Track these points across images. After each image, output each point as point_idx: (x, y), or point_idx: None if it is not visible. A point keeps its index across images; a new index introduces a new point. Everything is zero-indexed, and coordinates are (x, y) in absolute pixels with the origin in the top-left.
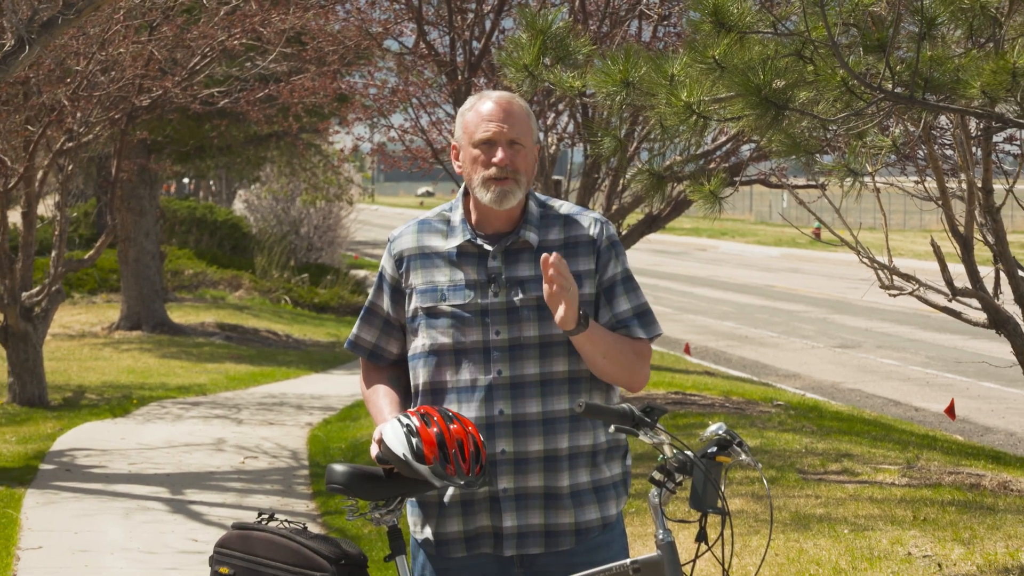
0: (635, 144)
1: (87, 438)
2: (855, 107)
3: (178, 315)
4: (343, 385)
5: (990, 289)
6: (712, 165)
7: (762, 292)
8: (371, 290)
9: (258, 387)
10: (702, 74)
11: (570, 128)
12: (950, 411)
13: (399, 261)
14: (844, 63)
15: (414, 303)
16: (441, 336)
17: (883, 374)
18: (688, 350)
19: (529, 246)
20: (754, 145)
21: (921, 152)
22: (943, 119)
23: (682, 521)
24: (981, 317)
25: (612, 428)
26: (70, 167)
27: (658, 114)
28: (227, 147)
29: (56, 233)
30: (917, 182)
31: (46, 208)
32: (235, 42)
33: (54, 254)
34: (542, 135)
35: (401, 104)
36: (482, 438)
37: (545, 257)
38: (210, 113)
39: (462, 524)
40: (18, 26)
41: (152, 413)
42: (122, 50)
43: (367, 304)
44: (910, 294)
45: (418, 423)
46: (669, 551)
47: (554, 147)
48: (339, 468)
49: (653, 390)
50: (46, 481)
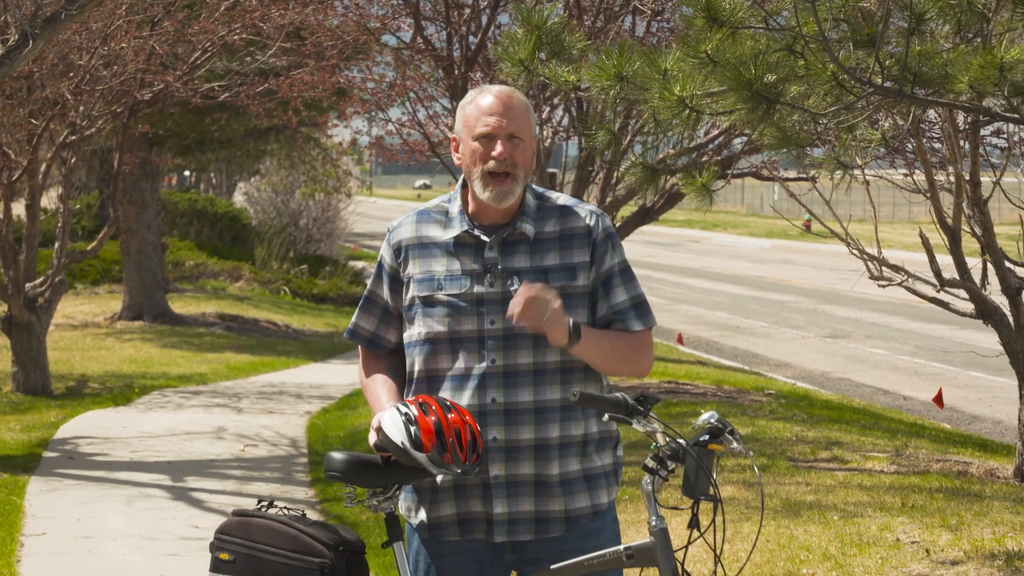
0: (629, 137)
1: (90, 426)
2: (845, 101)
3: (179, 305)
4: (342, 374)
5: (977, 280)
6: (704, 158)
7: (753, 283)
8: (370, 279)
9: (258, 376)
10: (695, 69)
11: (565, 122)
12: (938, 400)
13: (398, 251)
14: (834, 58)
15: (411, 292)
16: (437, 325)
17: (872, 363)
18: (681, 340)
19: (525, 237)
20: (746, 138)
21: (910, 145)
22: (931, 113)
23: (675, 508)
24: (968, 307)
25: (606, 416)
26: (73, 160)
27: (651, 108)
28: (227, 140)
29: (59, 225)
30: (906, 175)
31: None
32: (235, 37)
33: (57, 245)
34: (538, 128)
35: (399, 98)
36: (478, 427)
37: (509, 315)
38: (211, 107)
39: (455, 508)
40: (22, 21)
41: (153, 402)
42: (124, 45)
43: (366, 293)
44: (899, 285)
45: (416, 412)
46: (662, 537)
47: (549, 140)
48: (337, 456)
49: (646, 379)
50: (49, 469)
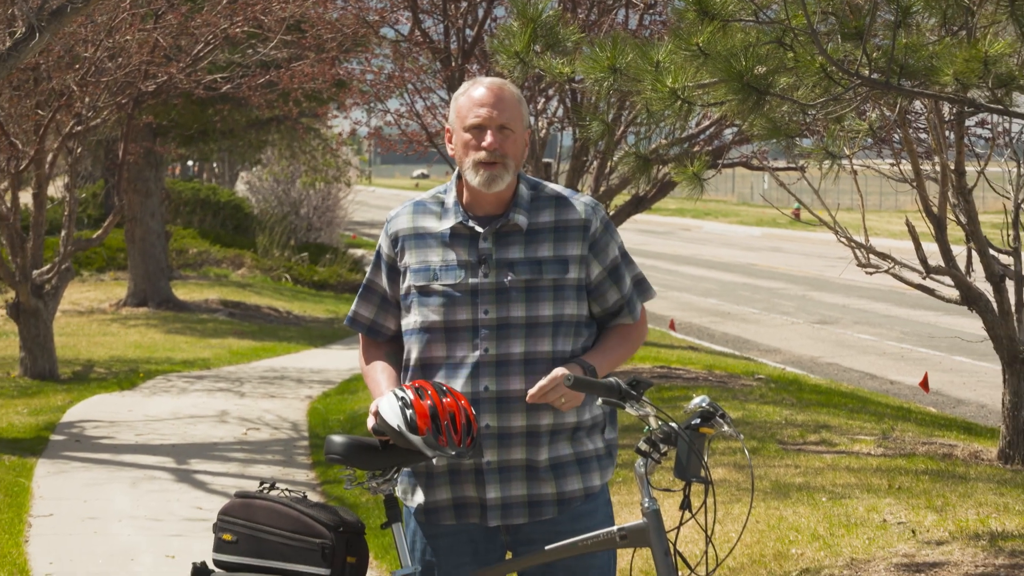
0: (622, 128)
1: (96, 410)
2: (833, 92)
3: (183, 292)
4: (342, 360)
5: (962, 267)
6: (696, 148)
7: (744, 270)
8: (369, 268)
9: (260, 361)
10: (686, 61)
11: (560, 113)
12: (924, 384)
13: (395, 241)
14: (823, 50)
15: (408, 281)
16: (432, 314)
17: (860, 349)
18: (673, 326)
19: (519, 228)
20: (736, 129)
21: (896, 136)
22: (918, 104)
23: (667, 490)
24: (954, 294)
25: (600, 401)
26: (79, 150)
27: (644, 99)
28: (230, 131)
29: (65, 213)
30: (893, 164)
31: (56, 189)
32: (237, 30)
33: (64, 233)
34: (533, 119)
35: (397, 90)
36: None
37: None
38: (213, 98)
39: (450, 492)
40: (29, 14)
41: (158, 386)
42: (128, 37)
43: (365, 281)
44: (886, 272)
45: (412, 396)
46: (654, 519)
47: (544, 131)
48: (338, 439)
49: (639, 364)
50: (56, 451)
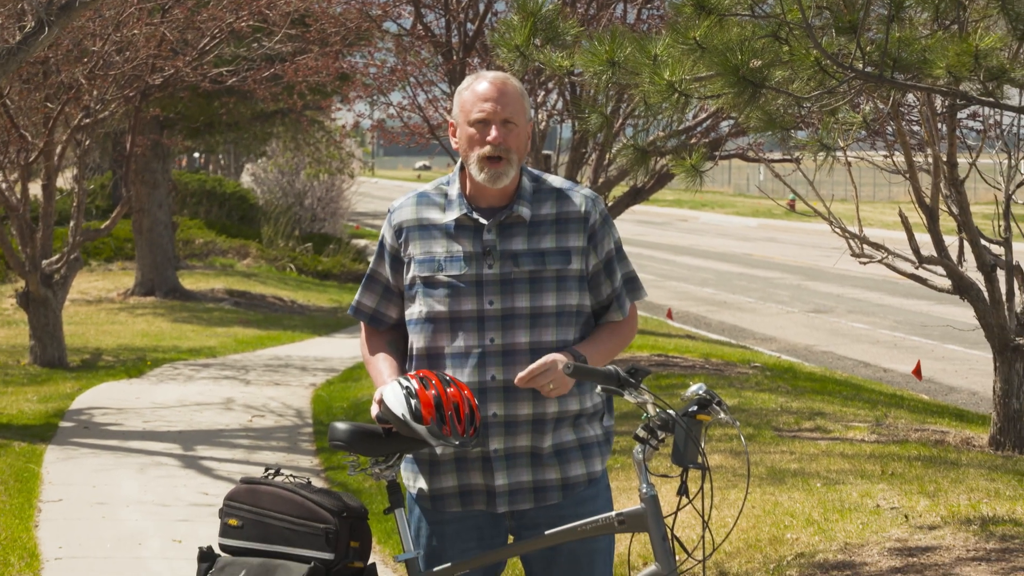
0: (620, 120)
1: (104, 397)
2: (828, 86)
3: (189, 282)
4: (345, 348)
5: (954, 257)
6: (693, 140)
7: (740, 260)
8: (372, 258)
9: (265, 350)
10: (683, 54)
11: (559, 105)
12: (916, 372)
13: (398, 232)
14: (817, 44)
15: (412, 272)
16: (437, 304)
17: (854, 337)
18: (670, 315)
19: (522, 220)
20: (732, 121)
21: (890, 128)
22: (910, 97)
23: (664, 476)
24: (946, 283)
25: (599, 388)
26: (87, 142)
27: (642, 92)
28: (235, 123)
29: (74, 204)
30: (886, 156)
31: (65, 181)
32: (243, 24)
33: (72, 224)
34: (533, 112)
35: (399, 83)
36: (476, 401)
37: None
38: (219, 91)
39: (456, 480)
40: (38, 8)
41: (165, 374)
42: (136, 31)
43: (369, 271)
44: (879, 262)
45: (417, 386)
46: (652, 504)
47: (544, 123)
48: (341, 426)
49: (637, 352)
50: (65, 438)
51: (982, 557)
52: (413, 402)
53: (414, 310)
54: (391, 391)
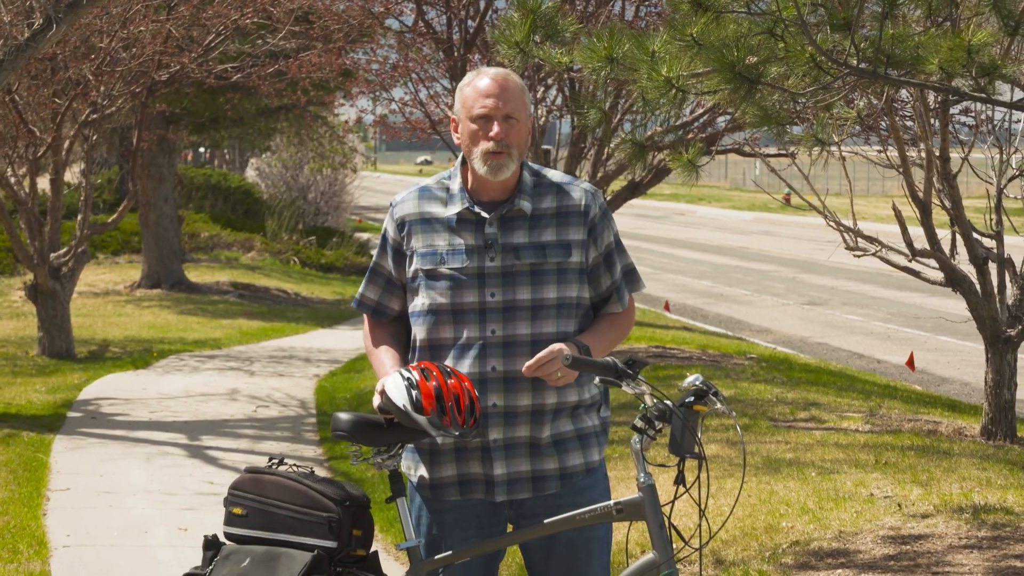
0: (619, 116)
1: (111, 388)
2: (822, 82)
3: (195, 275)
4: (348, 340)
5: (947, 250)
6: (690, 135)
7: (736, 253)
8: (375, 251)
9: (269, 341)
10: (681, 51)
11: (558, 101)
12: (910, 363)
13: (401, 225)
14: (812, 41)
15: (415, 265)
16: (440, 296)
17: (848, 329)
18: (668, 307)
19: (523, 214)
20: (729, 117)
21: (883, 123)
22: (904, 93)
23: (662, 465)
24: (938, 276)
25: (597, 379)
26: (94, 137)
27: (640, 88)
28: (240, 119)
29: (82, 198)
30: (880, 151)
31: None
32: (247, 21)
33: (80, 218)
34: (532, 107)
35: (401, 79)
36: (476, 393)
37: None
38: (224, 87)
39: (455, 469)
40: (46, 6)
41: (171, 365)
42: (142, 28)
43: (372, 265)
44: (873, 255)
45: (418, 377)
46: (650, 493)
47: (544, 119)
48: (344, 416)
49: (635, 344)
50: (73, 428)
51: (974, 545)
52: (414, 393)
53: (417, 302)
54: (393, 382)
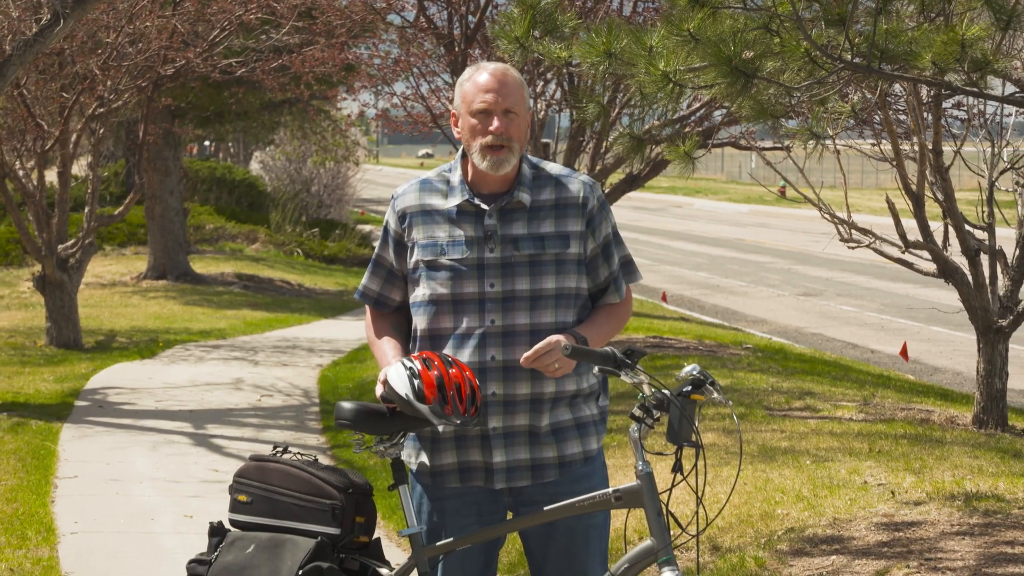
0: (617, 110)
1: (118, 377)
2: (817, 76)
3: (200, 266)
4: (350, 330)
5: (939, 242)
6: (687, 129)
7: (732, 245)
8: (377, 243)
9: (273, 332)
10: (678, 46)
11: (557, 95)
12: (903, 353)
13: (402, 217)
14: (807, 36)
15: (416, 256)
16: (440, 287)
17: (842, 319)
18: (665, 298)
19: (523, 206)
20: (725, 111)
21: (877, 117)
22: (897, 87)
23: (659, 454)
24: (931, 267)
25: (596, 369)
26: (101, 131)
27: (638, 82)
28: (244, 113)
29: (89, 191)
30: (873, 144)
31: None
32: (251, 16)
33: (87, 210)
34: (532, 101)
35: (403, 73)
36: (476, 381)
37: (525, 360)
38: (229, 81)
39: (456, 457)
40: (54, 2)
41: (176, 355)
42: (148, 24)
43: (374, 256)
44: (867, 246)
45: (420, 367)
46: (648, 481)
47: (543, 113)
48: (347, 405)
49: (633, 334)
50: (81, 417)
51: (966, 531)
52: (416, 382)
53: (418, 293)
54: (395, 372)
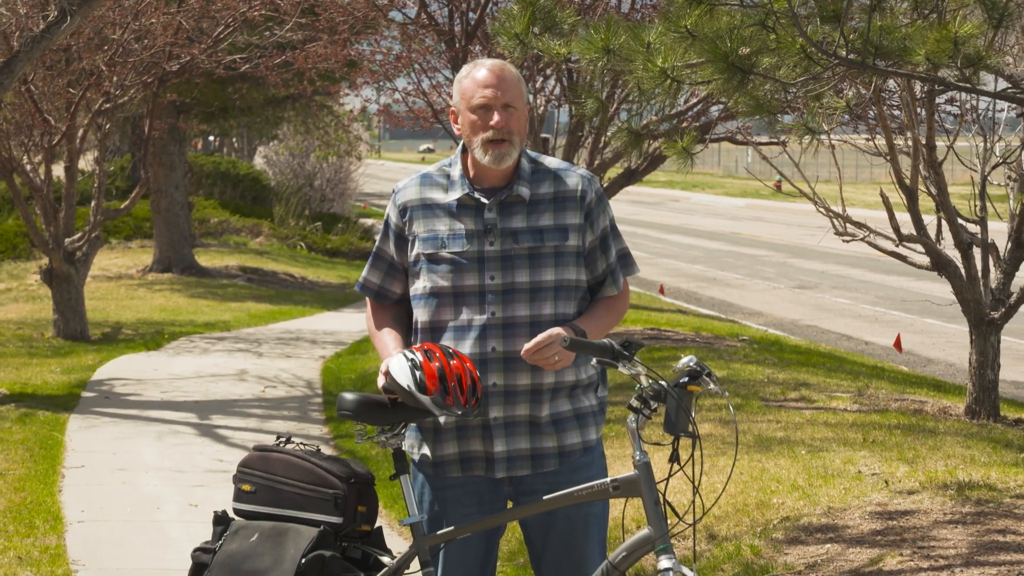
0: (615, 105)
1: (124, 369)
2: (813, 72)
3: (204, 259)
4: (353, 322)
5: (933, 235)
6: (684, 124)
7: (729, 238)
8: (378, 236)
9: (276, 324)
10: (675, 42)
11: (556, 91)
12: (897, 345)
13: (403, 211)
14: (803, 32)
15: (416, 249)
16: (441, 280)
17: (837, 312)
18: (662, 291)
19: (522, 199)
20: (722, 106)
21: (872, 112)
22: (891, 83)
23: (657, 444)
24: (924, 260)
25: (594, 360)
26: (107, 126)
27: (636, 78)
28: (248, 108)
29: (95, 185)
30: (868, 139)
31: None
32: (255, 13)
33: (94, 204)
34: (531, 97)
35: (404, 69)
36: (477, 373)
37: (525, 353)
38: (233, 77)
39: (457, 447)
40: None
41: (182, 347)
42: (154, 20)
43: (375, 249)
44: (861, 240)
45: (421, 358)
46: (645, 471)
47: (542, 108)
48: (349, 396)
49: (631, 326)
50: (87, 407)
51: (958, 520)
52: (418, 374)
53: (418, 285)
54: (397, 363)
